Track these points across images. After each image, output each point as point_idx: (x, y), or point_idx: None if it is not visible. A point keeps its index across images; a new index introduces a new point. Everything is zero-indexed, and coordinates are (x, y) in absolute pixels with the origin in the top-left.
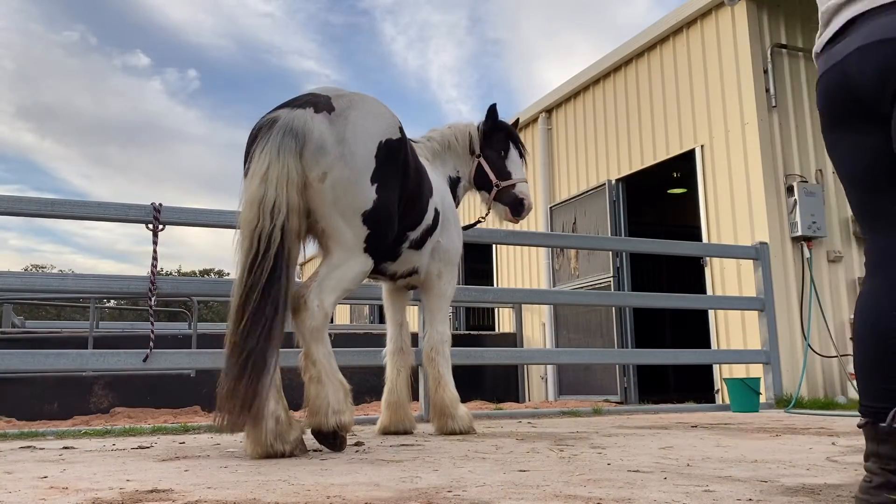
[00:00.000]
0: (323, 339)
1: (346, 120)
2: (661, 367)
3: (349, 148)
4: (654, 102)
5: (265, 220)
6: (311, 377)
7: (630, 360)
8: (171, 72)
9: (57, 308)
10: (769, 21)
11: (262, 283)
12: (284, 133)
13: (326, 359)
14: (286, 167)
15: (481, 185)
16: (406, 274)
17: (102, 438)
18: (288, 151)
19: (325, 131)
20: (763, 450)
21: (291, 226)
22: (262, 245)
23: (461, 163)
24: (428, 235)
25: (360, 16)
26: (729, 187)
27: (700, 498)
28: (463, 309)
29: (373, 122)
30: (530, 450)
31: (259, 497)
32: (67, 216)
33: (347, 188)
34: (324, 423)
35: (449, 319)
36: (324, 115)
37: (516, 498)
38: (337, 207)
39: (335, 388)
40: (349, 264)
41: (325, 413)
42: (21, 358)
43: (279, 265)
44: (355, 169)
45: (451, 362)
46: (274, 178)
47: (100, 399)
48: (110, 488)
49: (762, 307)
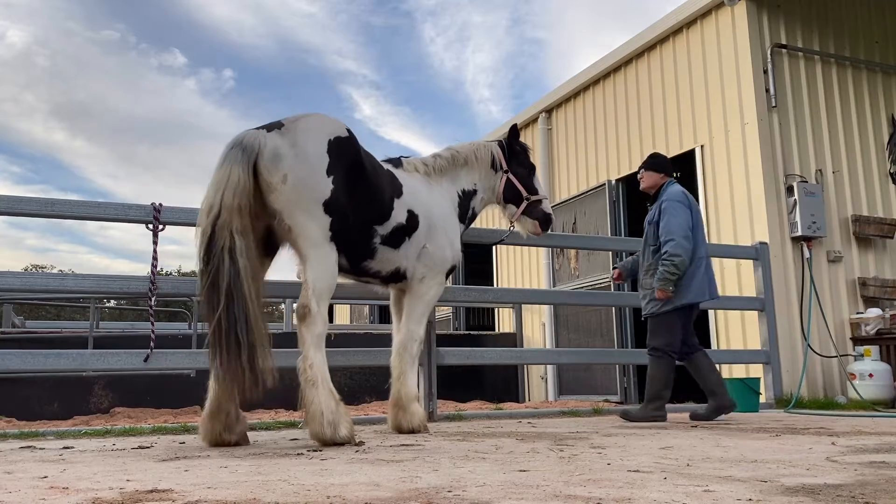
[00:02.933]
0: (322, 346)
1: (296, 129)
2: None
3: (302, 149)
4: (654, 102)
5: (202, 218)
6: (307, 379)
7: (630, 360)
8: (207, 72)
9: (57, 308)
10: (769, 21)
11: (206, 278)
12: (233, 147)
13: (323, 365)
14: (227, 172)
15: (510, 198)
16: (392, 275)
17: (102, 438)
18: (233, 160)
19: (278, 142)
20: (763, 450)
21: (224, 220)
22: (202, 239)
23: (482, 177)
24: (403, 235)
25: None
26: (729, 187)
27: (700, 498)
28: (463, 309)
29: (319, 126)
30: (530, 450)
31: (259, 497)
32: (67, 216)
33: (307, 182)
34: (319, 434)
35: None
36: (275, 132)
37: (516, 498)
38: (300, 203)
39: (327, 395)
40: (324, 261)
41: (319, 423)
42: (21, 358)
43: (213, 256)
44: (311, 165)
45: (417, 361)
46: (214, 182)
47: (100, 399)
48: (110, 488)
49: (762, 307)
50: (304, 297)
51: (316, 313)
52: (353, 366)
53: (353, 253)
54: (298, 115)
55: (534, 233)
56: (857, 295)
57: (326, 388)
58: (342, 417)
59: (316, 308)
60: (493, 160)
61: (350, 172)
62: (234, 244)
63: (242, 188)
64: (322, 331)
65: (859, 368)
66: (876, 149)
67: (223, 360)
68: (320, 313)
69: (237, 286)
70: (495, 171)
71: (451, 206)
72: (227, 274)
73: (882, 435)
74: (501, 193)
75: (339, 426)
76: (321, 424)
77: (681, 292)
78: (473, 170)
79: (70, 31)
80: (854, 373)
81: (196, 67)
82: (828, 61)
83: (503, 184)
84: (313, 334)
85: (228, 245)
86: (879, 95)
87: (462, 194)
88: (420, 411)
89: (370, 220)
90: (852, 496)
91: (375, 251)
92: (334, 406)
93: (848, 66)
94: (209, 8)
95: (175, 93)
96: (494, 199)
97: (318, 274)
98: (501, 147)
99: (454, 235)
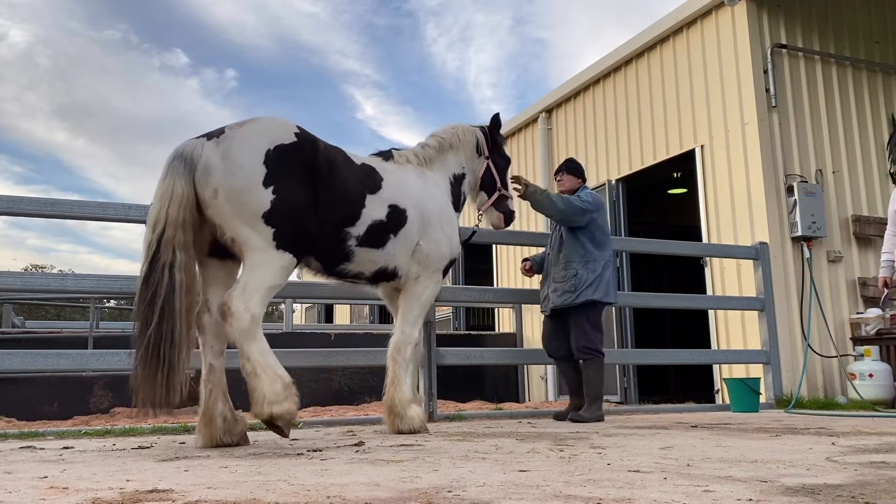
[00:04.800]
0: (255, 338)
1: (232, 140)
2: (661, 367)
3: (234, 161)
4: (654, 102)
5: (148, 231)
6: (247, 372)
7: (630, 360)
8: (209, 72)
9: (57, 308)
10: (769, 21)
11: (146, 292)
12: (175, 159)
13: (261, 355)
14: (171, 185)
15: (485, 186)
16: (378, 275)
17: (102, 438)
18: (175, 173)
19: (210, 154)
20: (763, 450)
21: (168, 236)
22: (147, 253)
23: (467, 160)
24: (386, 232)
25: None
26: (729, 187)
27: (700, 498)
28: (463, 309)
29: (259, 134)
30: (530, 450)
31: (259, 497)
32: (67, 216)
33: (241, 196)
34: (259, 413)
35: (422, 323)
36: (213, 140)
37: (516, 498)
38: (237, 216)
39: (271, 380)
40: (267, 264)
41: (260, 404)
42: (21, 358)
43: (155, 272)
44: (244, 178)
45: (412, 364)
46: (158, 195)
47: (100, 399)
48: (110, 488)
49: (762, 307)
50: (226, 295)
51: (240, 312)
52: (354, 366)
53: (325, 256)
54: (245, 120)
55: (497, 226)
56: (857, 295)
57: (269, 374)
58: (286, 398)
59: (241, 308)
60: (477, 144)
61: (299, 179)
62: (174, 260)
63: (186, 202)
64: (248, 326)
65: (859, 368)
66: (876, 149)
67: (143, 373)
68: (248, 310)
69: (170, 302)
70: (478, 156)
71: (446, 197)
72: (164, 289)
73: (882, 435)
74: (480, 178)
75: (277, 404)
76: (261, 406)
77: (595, 288)
78: (459, 152)
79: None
80: (854, 373)
81: (198, 67)
82: (828, 61)
83: (483, 168)
84: (238, 330)
85: (170, 261)
86: (879, 95)
87: (454, 179)
88: (418, 413)
89: (336, 222)
90: (852, 496)
91: (352, 254)
92: (280, 388)
93: (848, 66)
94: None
95: (177, 93)
96: (475, 184)
97: (256, 275)
98: (484, 133)
99: (451, 228)
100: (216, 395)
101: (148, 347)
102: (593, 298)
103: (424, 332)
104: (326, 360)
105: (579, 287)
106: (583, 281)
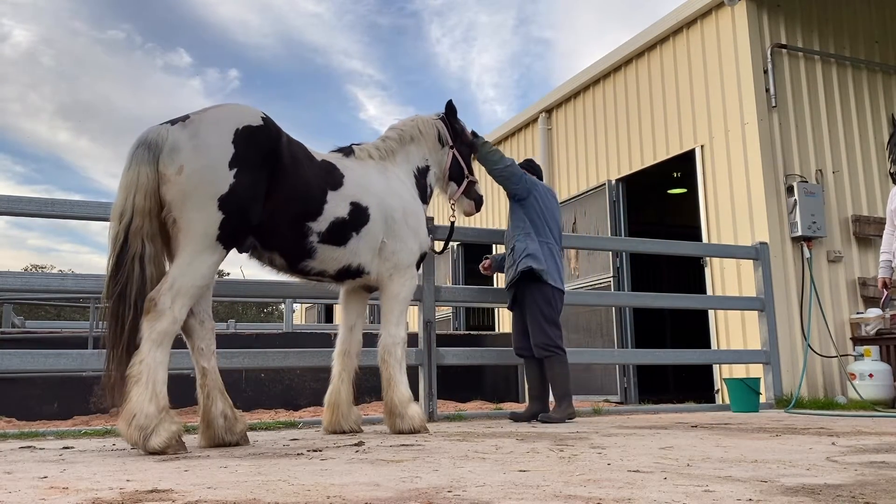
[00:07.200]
0: (163, 345)
1: (200, 121)
2: (661, 367)
3: (203, 140)
4: (654, 102)
5: (113, 223)
6: (131, 376)
7: (630, 360)
8: (212, 71)
9: (57, 308)
10: (769, 21)
11: (116, 286)
12: (139, 146)
13: (156, 366)
14: (136, 174)
15: (454, 176)
16: (342, 273)
17: (102, 438)
18: (140, 160)
19: (178, 135)
20: (763, 450)
21: (136, 226)
22: (114, 246)
23: (431, 152)
24: (348, 230)
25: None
26: (729, 187)
27: (700, 498)
28: (463, 309)
29: (226, 116)
30: (530, 450)
31: (259, 497)
32: (67, 216)
33: (204, 175)
34: (126, 436)
35: (405, 320)
36: (179, 125)
37: (516, 498)
38: (191, 197)
39: (148, 398)
40: (199, 259)
41: (128, 423)
42: (21, 358)
43: (124, 264)
44: (211, 156)
45: (404, 363)
46: (124, 185)
47: (100, 399)
48: (110, 488)
49: (762, 307)
50: (154, 290)
51: (164, 309)
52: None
53: (287, 252)
54: (210, 106)
55: (469, 213)
56: (857, 295)
57: (150, 389)
58: (161, 425)
59: (167, 304)
60: (438, 134)
61: (263, 164)
62: (144, 251)
63: (152, 190)
64: (167, 328)
65: (859, 368)
66: (876, 149)
67: (116, 368)
68: (171, 311)
69: (143, 295)
70: (442, 146)
71: (411, 192)
72: (136, 283)
73: (882, 435)
74: (447, 170)
75: (151, 434)
76: (129, 426)
77: (535, 259)
78: (421, 144)
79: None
80: (854, 373)
81: (201, 67)
82: (828, 61)
83: (450, 159)
84: (155, 330)
85: (140, 252)
86: (879, 95)
87: (418, 172)
88: (418, 413)
89: (298, 215)
90: (852, 496)
91: (314, 250)
92: (154, 411)
93: (848, 66)
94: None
95: (180, 92)
96: (443, 175)
97: (186, 271)
98: (444, 122)
99: (417, 223)
100: (214, 396)
101: (122, 343)
102: (532, 266)
103: (424, 332)
104: (326, 360)
105: (519, 257)
106: (521, 251)
